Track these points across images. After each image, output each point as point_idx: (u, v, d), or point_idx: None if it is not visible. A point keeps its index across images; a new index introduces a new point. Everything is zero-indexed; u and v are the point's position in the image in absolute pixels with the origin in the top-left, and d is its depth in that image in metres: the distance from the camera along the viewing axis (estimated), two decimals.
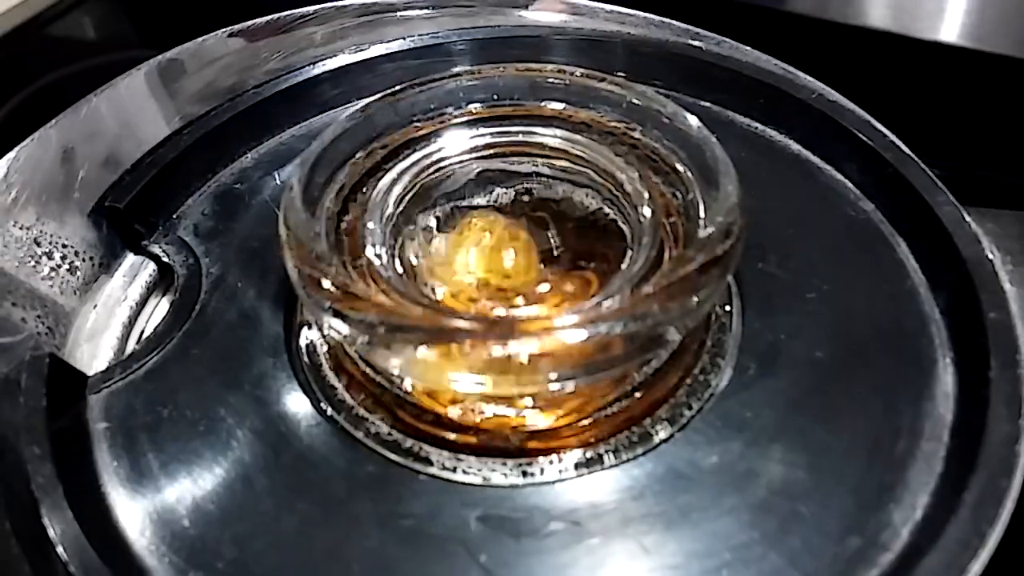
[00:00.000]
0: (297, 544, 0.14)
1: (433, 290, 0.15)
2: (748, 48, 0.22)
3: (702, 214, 0.15)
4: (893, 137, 0.19)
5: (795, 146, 0.20)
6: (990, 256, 0.17)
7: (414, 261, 0.16)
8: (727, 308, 0.17)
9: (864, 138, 0.19)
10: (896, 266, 0.18)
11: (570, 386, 0.13)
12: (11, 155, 0.17)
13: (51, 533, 0.13)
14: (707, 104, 0.21)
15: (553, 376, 0.13)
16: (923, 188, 0.18)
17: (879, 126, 0.19)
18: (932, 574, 0.12)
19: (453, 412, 0.15)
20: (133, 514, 0.14)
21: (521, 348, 0.12)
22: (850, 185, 0.19)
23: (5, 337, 0.16)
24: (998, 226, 0.18)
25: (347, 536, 0.14)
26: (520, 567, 0.13)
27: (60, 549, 0.13)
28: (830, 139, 0.20)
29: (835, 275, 0.17)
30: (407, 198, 0.16)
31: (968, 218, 0.17)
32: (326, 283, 0.13)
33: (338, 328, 0.13)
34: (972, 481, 0.13)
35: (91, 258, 0.18)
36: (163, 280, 0.19)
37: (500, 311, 0.15)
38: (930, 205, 0.18)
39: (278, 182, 0.20)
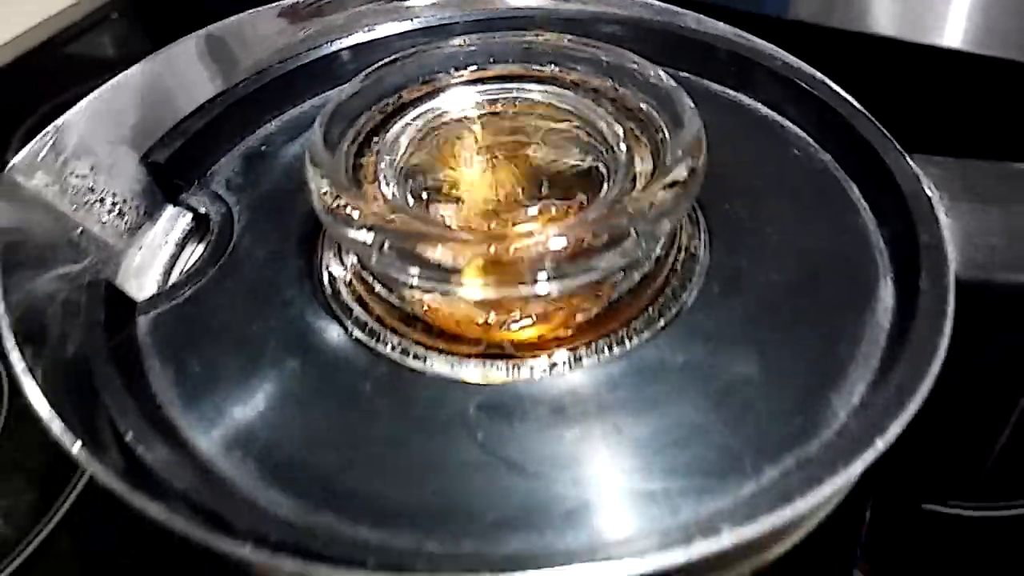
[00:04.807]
0: (322, 427, 0.16)
1: (442, 218, 0.18)
2: (723, 24, 0.24)
3: (669, 150, 0.17)
4: (846, 95, 0.21)
5: (763, 109, 0.23)
6: (929, 193, 0.19)
7: (423, 195, 0.18)
8: (696, 242, 0.19)
9: (822, 97, 0.21)
10: (848, 206, 0.20)
11: (555, 289, 0.15)
12: (69, 114, 0.19)
13: (113, 415, 0.15)
14: (685, 74, 0.24)
15: (541, 276, 0.15)
16: (873, 138, 0.20)
17: (835, 87, 0.21)
18: (863, 439, 0.14)
19: (456, 326, 0.17)
20: (179, 405, 0.16)
21: (512, 251, 0.15)
22: (810, 140, 0.21)
23: (68, 265, 0.18)
24: (941, 170, 0.20)
25: (365, 423, 0.16)
26: (512, 442, 0.15)
27: (120, 425, 0.15)
28: (792, 101, 0.22)
29: (794, 215, 0.20)
30: (416, 143, 0.19)
31: (911, 162, 0.20)
32: (350, 209, 0.16)
33: (360, 239, 0.15)
34: (899, 366, 0.15)
35: (137, 206, 0.20)
36: (198, 230, 0.21)
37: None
38: (878, 152, 0.20)
39: (299, 146, 0.22)
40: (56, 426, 0.14)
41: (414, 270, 0.15)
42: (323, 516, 0.14)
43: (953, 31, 0.53)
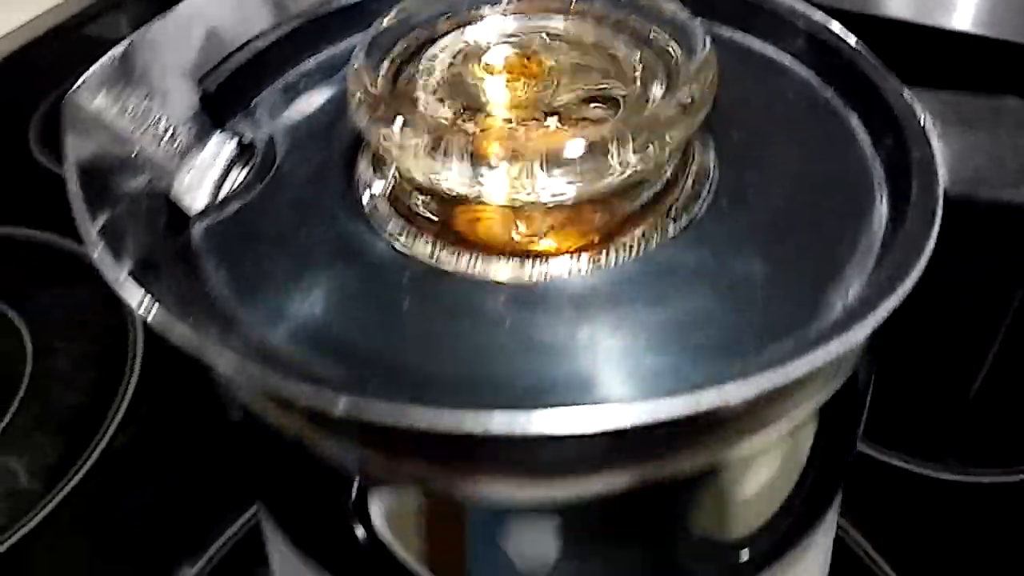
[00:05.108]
0: (364, 317, 0.18)
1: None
2: None
3: (681, 72, 0.19)
4: (847, 35, 0.23)
5: (771, 49, 0.24)
6: (922, 120, 0.20)
7: (455, 114, 0.19)
8: (706, 165, 0.21)
9: (823, 38, 0.23)
10: (848, 134, 0.21)
11: (571, 191, 0.17)
12: (127, 42, 0.21)
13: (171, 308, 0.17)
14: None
15: (558, 178, 0.17)
16: (871, 73, 0.22)
17: (836, 26, 0.23)
18: (856, 316, 0.16)
19: (486, 235, 0.19)
20: (233, 300, 0.18)
21: (534, 148, 0.16)
22: (813, 77, 0.23)
23: (128, 177, 0.20)
24: (934, 100, 0.21)
25: (403, 314, 0.18)
26: (536, 328, 0.17)
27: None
28: (797, 41, 0.23)
29: (798, 141, 0.21)
30: (447, 69, 0.20)
31: (907, 93, 0.21)
32: (391, 114, 0.17)
33: (400, 140, 0.17)
34: (891, 259, 0.17)
35: (188, 131, 0.22)
36: (242, 156, 0.23)
37: None
38: (876, 85, 0.21)
39: (335, 82, 0.24)
40: (133, 292, 0.15)
41: (449, 168, 0.17)
42: (371, 385, 0.16)
43: (962, 13, 0.54)
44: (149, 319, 0.15)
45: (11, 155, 0.64)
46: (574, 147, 0.17)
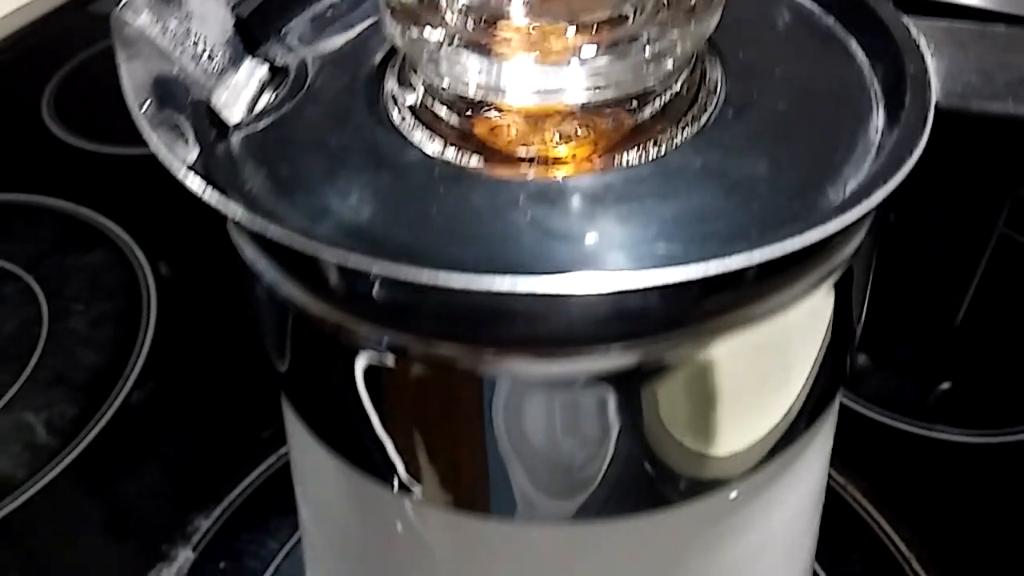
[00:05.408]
0: (396, 211, 0.19)
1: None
2: None
3: None
4: None
5: None
6: (917, 41, 0.22)
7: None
8: (714, 82, 0.22)
9: None
10: (847, 55, 0.23)
11: (586, 96, 0.18)
12: None
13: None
14: None
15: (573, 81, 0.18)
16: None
17: None
18: (851, 201, 0.17)
19: (507, 143, 0.20)
20: (272, 198, 0.19)
21: (553, 48, 0.18)
22: (816, 7, 0.24)
23: (174, 86, 0.21)
24: (930, 26, 0.23)
25: (432, 208, 0.19)
26: (556, 220, 0.18)
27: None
28: None
29: (799, 62, 0.23)
30: None
31: (905, 17, 0.22)
32: (421, 21, 0.19)
33: (432, 38, 0.18)
34: (883, 158, 0.18)
35: (223, 53, 0.23)
36: (274, 79, 0.24)
37: None
38: (874, 11, 0.23)
39: (360, 11, 0.25)
40: (195, 181, 0.17)
41: (473, 68, 0.18)
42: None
43: None
44: (207, 199, 0.17)
45: (25, 126, 0.66)
46: (590, 48, 0.18)
